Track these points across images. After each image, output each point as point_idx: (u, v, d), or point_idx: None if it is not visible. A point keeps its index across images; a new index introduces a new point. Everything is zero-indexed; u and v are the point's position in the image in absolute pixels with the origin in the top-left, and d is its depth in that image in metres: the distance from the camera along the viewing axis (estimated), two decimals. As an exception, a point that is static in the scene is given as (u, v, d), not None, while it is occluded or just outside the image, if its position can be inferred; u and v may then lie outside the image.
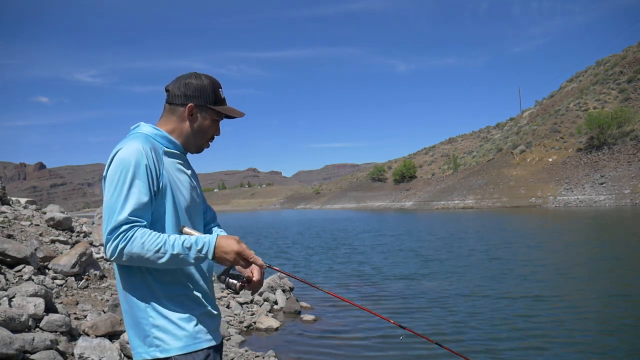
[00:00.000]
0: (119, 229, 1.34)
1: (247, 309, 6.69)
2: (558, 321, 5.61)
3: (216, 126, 1.59)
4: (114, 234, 1.34)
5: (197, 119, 1.55)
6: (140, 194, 1.38)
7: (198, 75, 1.56)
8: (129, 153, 1.40)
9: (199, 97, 1.53)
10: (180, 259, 1.37)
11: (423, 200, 57.98)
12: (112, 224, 1.34)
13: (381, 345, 5.10)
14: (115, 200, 1.37)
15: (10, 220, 6.04)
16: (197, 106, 1.53)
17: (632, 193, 33.20)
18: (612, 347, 4.70)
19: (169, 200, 1.48)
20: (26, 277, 4.38)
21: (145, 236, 1.34)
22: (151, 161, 1.42)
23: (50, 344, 3.19)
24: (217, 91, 1.56)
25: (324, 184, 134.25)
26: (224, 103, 1.58)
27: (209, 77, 1.57)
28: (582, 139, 45.77)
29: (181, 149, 1.57)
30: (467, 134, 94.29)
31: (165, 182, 1.47)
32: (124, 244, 1.33)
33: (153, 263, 1.36)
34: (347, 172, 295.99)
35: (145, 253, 1.33)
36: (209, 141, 1.62)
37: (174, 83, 1.56)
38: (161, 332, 1.42)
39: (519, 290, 7.42)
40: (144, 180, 1.39)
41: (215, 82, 1.57)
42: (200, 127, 1.56)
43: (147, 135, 1.50)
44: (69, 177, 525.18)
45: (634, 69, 51.24)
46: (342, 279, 9.36)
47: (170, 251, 1.35)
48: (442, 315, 6.16)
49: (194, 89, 1.52)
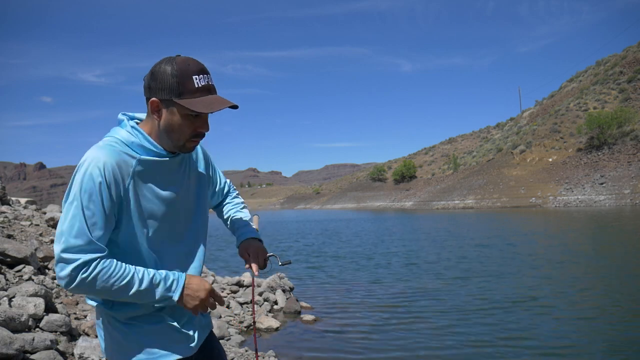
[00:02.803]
0: (75, 258, 1.18)
1: (247, 309, 6.69)
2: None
3: (192, 122, 1.29)
4: (73, 265, 1.18)
5: (164, 115, 1.28)
6: (92, 216, 1.21)
7: (170, 60, 1.27)
8: (87, 169, 1.23)
9: (161, 89, 1.25)
10: (145, 295, 1.23)
11: (423, 200, 57.98)
12: (63, 246, 1.19)
13: (381, 345, 5.10)
14: (67, 219, 1.21)
15: (10, 220, 6.04)
16: (161, 100, 1.26)
17: (632, 193, 33.20)
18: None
19: (136, 228, 1.30)
20: (26, 277, 4.38)
21: (108, 269, 1.20)
22: (111, 181, 1.24)
23: (50, 344, 3.19)
24: (187, 80, 1.24)
25: (324, 184, 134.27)
26: (197, 94, 1.25)
27: (183, 60, 1.26)
28: (582, 139, 45.78)
29: (163, 153, 1.34)
30: (467, 134, 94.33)
31: (130, 206, 1.29)
32: (83, 275, 1.18)
33: (116, 297, 1.23)
34: (347, 172, 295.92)
35: (107, 286, 1.20)
36: (191, 139, 1.32)
37: (148, 73, 1.30)
38: (117, 346, 1.34)
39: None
40: (99, 201, 1.22)
41: (189, 67, 1.25)
42: (168, 125, 1.29)
43: (120, 141, 1.30)
44: (69, 177, 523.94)
45: (634, 69, 51.24)
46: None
47: (136, 287, 1.21)
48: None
49: (157, 79, 1.25)
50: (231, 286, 7.45)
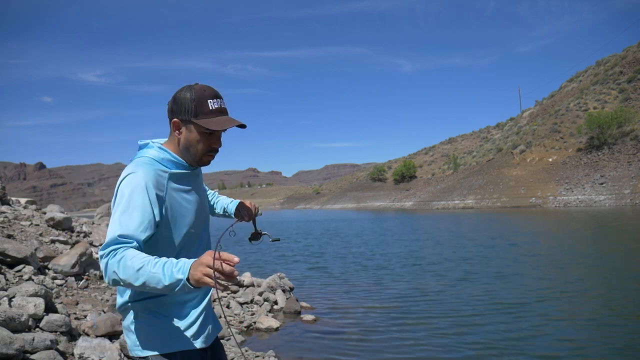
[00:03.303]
0: (107, 248, 1.35)
1: (247, 309, 6.69)
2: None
3: (207, 139, 1.55)
4: (104, 252, 1.35)
5: (183, 133, 1.55)
6: (133, 217, 1.39)
7: (189, 88, 1.54)
8: (131, 180, 1.45)
9: (182, 111, 1.52)
10: (157, 279, 1.29)
11: (423, 200, 57.98)
12: (104, 243, 1.38)
13: (382, 346, 5.10)
14: (111, 222, 1.40)
15: (10, 220, 6.04)
16: (182, 120, 1.53)
17: (632, 193, 33.20)
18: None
19: (172, 228, 1.53)
20: (26, 277, 4.38)
21: (129, 255, 1.32)
22: (151, 190, 1.45)
23: (50, 344, 3.19)
24: (203, 103, 1.50)
25: (324, 184, 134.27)
26: (211, 115, 1.51)
27: (200, 88, 1.53)
28: (582, 139, 45.77)
29: (187, 166, 1.60)
30: (467, 134, 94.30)
31: (168, 210, 1.51)
32: (110, 260, 1.33)
33: (134, 281, 1.31)
34: (347, 172, 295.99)
35: (126, 270, 1.30)
36: (207, 154, 1.58)
37: (171, 99, 1.58)
38: (141, 334, 1.54)
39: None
40: (141, 205, 1.41)
41: (205, 93, 1.51)
42: (187, 142, 1.55)
43: (152, 159, 1.54)
44: (69, 177, 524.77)
45: (634, 69, 51.24)
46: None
47: (149, 269, 1.28)
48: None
49: (178, 102, 1.52)
50: (231, 286, 7.45)
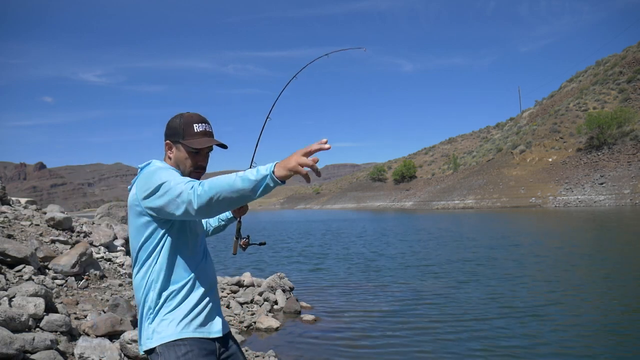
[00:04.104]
0: (190, 182, 1.49)
1: (247, 309, 6.69)
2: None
3: (194, 157, 1.75)
4: (190, 183, 1.48)
5: (174, 153, 1.77)
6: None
7: (179, 115, 1.79)
8: (158, 164, 1.70)
9: (172, 134, 1.76)
10: (249, 180, 1.43)
11: (423, 200, 57.98)
12: (183, 181, 1.50)
13: (382, 345, 5.09)
14: (172, 177, 1.54)
15: (11, 220, 6.04)
16: (173, 142, 1.76)
17: (632, 193, 33.21)
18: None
19: (185, 229, 1.69)
20: (26, 277, 4.38)
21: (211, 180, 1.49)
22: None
23: (50, 343, 3.19)
24: (190, 126, 1.74)
25: (324, 184, 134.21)
26: (196, 136, 1.73)
27: (187, 115, 1.77)
28: (582, 139, 45.78)
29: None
30: (467, 134, 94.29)
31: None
32: (200, 185, 1.45)
33: (230, 187, 1.43)
34: (347, 172, 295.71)
35: (219, 182, 1.44)
36: (195, 171, 1.77)
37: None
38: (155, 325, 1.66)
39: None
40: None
41: (191, 119, 1.75)
42: (177, 160, 1.76)
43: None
44: (69, 177, 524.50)
45: (634, 69, 51.24)
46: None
47: (240, 175, 1.44)
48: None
49: (170, 127, 1.77)
50: (231, 286, 7.46)
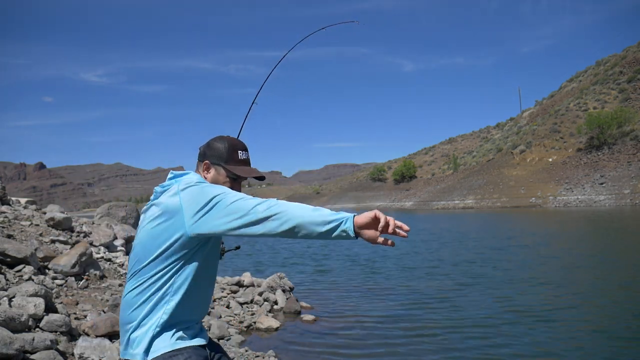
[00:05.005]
0: (268, 200, 1.48)
1: (247, 309, 6.69)
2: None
3: (232, 183, 1.76)
4: (270, 202, 1.47)
5: (212, 174, 1.77)
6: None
7: (222, 138, 1.81)
8: (206, 182, 1.66)
9: (214, 155, 1.77)
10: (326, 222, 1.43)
11: (423, 200, 58.00)
12: (257, 203, 1.48)
13: (382, 345, 5.09)
14: (238, 198, 1.51)
15: (10, 220, 6.04)
16: (212, 163, 1.77)
17: (632, 193, 33.21)
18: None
19: (211, 246, 1.69)
20: (26, 277, 4.38)
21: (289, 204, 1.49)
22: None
23: (50, 344, 3.19)
24: (235, 153, 1.77)
25: (324, 184, 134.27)
26: (240, 163, 1.77)
27: (232, 140, 1.81)
28: (582, 139, 45.80)
29: None
30: (467, 134, 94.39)
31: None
32: (278, 204, 1.46)
33: (307, 216, 1.43)
34: (347, 172, 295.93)
35: (300, 208, 1.45)
36: None
37: (205, 144, 1.84)
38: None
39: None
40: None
41: (236, 145, 1.79)
42: (214, 181, 1.76)
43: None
44: (69, 177, 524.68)
45: (634, 69, 51.28)
46: None
47: (320, 210, 1.45)
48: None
49: (212, 148, 1.78)
50: (231, 286, 7.45)
